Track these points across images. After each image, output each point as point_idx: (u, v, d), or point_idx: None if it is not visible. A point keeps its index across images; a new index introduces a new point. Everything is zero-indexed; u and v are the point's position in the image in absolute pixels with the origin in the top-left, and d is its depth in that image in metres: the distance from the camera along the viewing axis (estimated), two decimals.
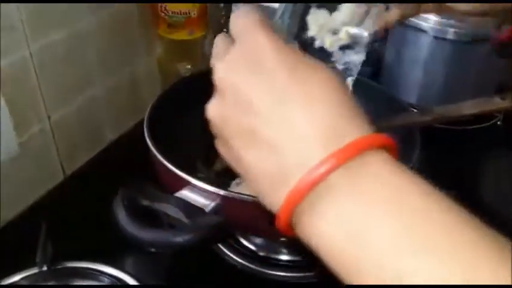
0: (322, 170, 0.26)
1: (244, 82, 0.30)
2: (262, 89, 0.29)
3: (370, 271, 0.25)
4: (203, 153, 0.67)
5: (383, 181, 0.26)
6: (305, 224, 0.28)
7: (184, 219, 0.41)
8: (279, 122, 0.28)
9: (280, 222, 0.28)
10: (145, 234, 0.39)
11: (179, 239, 0.39)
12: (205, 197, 0.45)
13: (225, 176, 0.56)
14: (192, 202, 0.44)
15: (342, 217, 0.26)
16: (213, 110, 0.32)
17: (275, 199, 0.28)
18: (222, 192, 0.45)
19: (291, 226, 0.29)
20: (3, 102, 0.58)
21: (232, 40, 0.33)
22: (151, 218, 0.43)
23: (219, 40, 0.36)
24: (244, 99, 0.30)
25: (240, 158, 0.30)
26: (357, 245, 0.25)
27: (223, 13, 0.90)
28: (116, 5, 0.73)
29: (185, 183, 0.47)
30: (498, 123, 0.85)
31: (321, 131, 0.27)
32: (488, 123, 0.84)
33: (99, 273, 0.55)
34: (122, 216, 0.40)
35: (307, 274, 0.58)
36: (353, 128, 0.28)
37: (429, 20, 0.75)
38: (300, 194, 0.27)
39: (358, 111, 0.29)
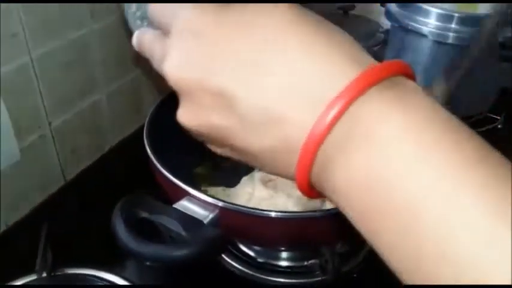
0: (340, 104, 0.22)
1: (201, 74, 0.26)
2: (224, 72, 0.25)
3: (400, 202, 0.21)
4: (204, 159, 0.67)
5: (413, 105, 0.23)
6: (329, 172, 0.24)
7: (183, 232, 0.41)
8: (259, 100, 0.25)
9: (303, 187, 0.25)
10: (144, 249, 0.40)
11: (178, 253, 0.39)
12: (204, 208, 0.45)
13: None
14: (191, 213, 0.44)
15: (365, 159, 0.22)
16: (188, 118, 0.28)
17: (291, 168, 0.25)
18: (220, 203, 0.45)
19: (313, 188, 0.26)
20: (4, 108, 0.59)
21: (158, 34, 0.30)
22: (149, 230, 0.43)
23: (147, 39, 0.31)
24: (214, 92, 0.26)
25: (242, 150, 0.27)
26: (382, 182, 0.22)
27: None
28: (118, 11, 0.72)
29: (184, 193, 0.47)
30: (499, 126, 0.85)
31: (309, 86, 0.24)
32: (489, 127, 0.84)
33: (99, 280, 0.55)
34: (121, 231, 0.40)
35: (306, 280, 0.58)
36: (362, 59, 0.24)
37: (429, 24, 0.75)
38: (319, 139, 0.23)
39: (356, 45, 0.25)
